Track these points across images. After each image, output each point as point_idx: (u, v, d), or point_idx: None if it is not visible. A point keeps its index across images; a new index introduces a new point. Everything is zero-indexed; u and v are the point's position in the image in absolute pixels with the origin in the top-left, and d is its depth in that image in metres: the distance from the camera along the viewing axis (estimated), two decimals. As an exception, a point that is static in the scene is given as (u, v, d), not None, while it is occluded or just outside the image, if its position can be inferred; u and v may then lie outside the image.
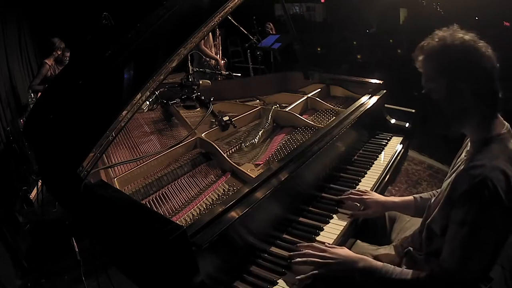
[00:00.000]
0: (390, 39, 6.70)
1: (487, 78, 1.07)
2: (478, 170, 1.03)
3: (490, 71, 1.07)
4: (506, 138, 1.10)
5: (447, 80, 1.09)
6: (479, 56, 1.06)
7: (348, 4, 7.05)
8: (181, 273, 1.11)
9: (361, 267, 1.18)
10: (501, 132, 1.11)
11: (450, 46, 1.08)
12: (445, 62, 1.09)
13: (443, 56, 1.09)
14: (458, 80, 1.07)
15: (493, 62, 1.08)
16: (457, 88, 1.08)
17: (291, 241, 1.41)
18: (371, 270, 1.17)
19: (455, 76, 1.07)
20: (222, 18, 1.68)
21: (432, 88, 1.13)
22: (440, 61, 1.10)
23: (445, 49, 1.08)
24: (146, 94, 1.47)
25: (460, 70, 1.07)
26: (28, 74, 4.94)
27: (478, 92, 1.07)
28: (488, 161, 1.04)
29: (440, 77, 1.10)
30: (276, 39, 5.21)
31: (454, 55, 1.07)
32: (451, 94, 1.09)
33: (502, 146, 1.08)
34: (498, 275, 1.94)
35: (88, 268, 2.22)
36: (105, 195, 1.34)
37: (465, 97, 1.08)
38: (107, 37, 2.10)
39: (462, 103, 1.09)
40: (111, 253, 1.58)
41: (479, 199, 1.00)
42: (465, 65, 1.07)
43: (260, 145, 1.92)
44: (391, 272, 1.15)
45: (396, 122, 2.35)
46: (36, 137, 1.92)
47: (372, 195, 1.57)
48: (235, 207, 1.27)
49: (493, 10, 4.57)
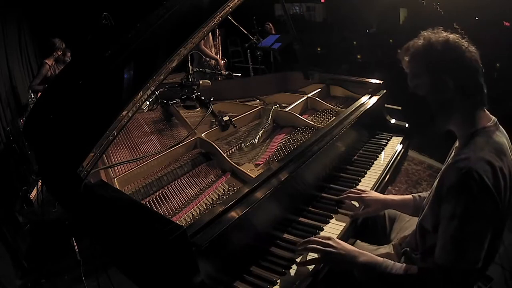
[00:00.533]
0: (390, 39, 6.70)
1: (470, 73, 1.12)
2: (463, 163, 1.05)
3: (473, 66, 1.11)
4: (491, 131, 1.13)
5: (431, 75, 1.14)
6: (461, 52, 1.11)
7: (348, 4, 7.04)
8: (181, 273, 1.11)
9: (362, 261, 1.19)
10: (486, 125, 1.14)
11: (433, 43, 1.13)
12: (429, 58, 1.14)
13: (427, 53, 1.14)
14: (441, 74, 1.11)
15: (475, 58, 1.12)
16: (441, 82, 1.12)
17: (291, 241, 1.41)
18: (371, 265, 1.18)
19: (439, 71, 1.12)
20: (222, 18, 1.68)
21: (418, 84, 1.18)
22: (424, 57, 1.15)
23: (429, 47, 1.14)
24: (146, 94, 1.47)
25: (443, 65, 1.12)
26: (28, 74, 4.94)
27: (461, 86, 1.11)
28: (473, 153, 1.06)
29: (425, 73, 1.15)
30: (276, 39, 5.20)
31: (437, 51, 1.12)
32: (435, 88, 1.14)
33: (487, 138, 1.11)
34: (498, 275, 1.94)
35: (88, 268, 2.22)
36: (105, 195, 1.34)
37: (449, 90, 1.12)
38: (107, 37, 2.10)
39: (446, 97, 1.13)
40: (111, 253, 1.58)
41: (467, 191, 1.02)
42: (448, 60, 1.11)
43: (260, 145, 1.92)
44: (391, 267, 1.16)
45: (396, 122, 2.35)
46: (36, 137, 1.92)
47: (371, 193, 1.57)
48: (235, 207, 1.27)
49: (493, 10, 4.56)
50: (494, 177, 1.02)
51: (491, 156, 1.05)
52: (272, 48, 5.12)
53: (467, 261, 1.04)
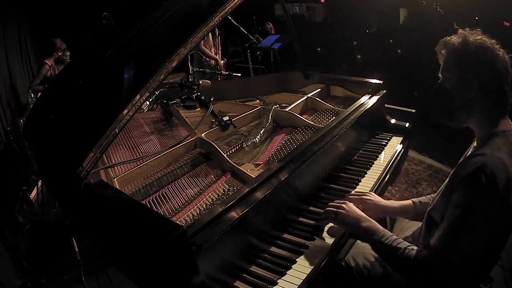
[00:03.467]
0: (390, 39, 6.70)
1: (497, 78, 1.15)
2: (479, 158, 1.07)
3: (501, 72, 1.15)
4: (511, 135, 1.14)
5: (460, 71, 1.18)
6: (493, 57, 1.15)
7: (348, 4, 7.05)
8: (181, 273, 1.11)
9: (364, 226, 1.29)
10: (506, 129, 1.16)
11: (470, 42, 1.17)
12: (462, 56, 1.18)
13: (461, 50, 1.18)
14: (469, 73, 1.16)
15: (506, 67, 1.15)
16: (466, 80, 1.16)
17: (291, 241, 1.41)
18: (371, 230, 1.26)
19: (467, 69, 1.16)
20: (222, 18, 1.67)
21: (447, 78, 1.22)
22: (458, 54, 1.19)
23: (464, 45, 1.18)
24: (146, 94, 1.47)
25: (473, 64, 1.16)
26: (28, 74, 4.94)
27: (485, 88, 1.15)
28: (490, 151, 1.09)
29: (455, 68, 1.19)
30: (276, 39, 5.21)
31: (471, 50, 1.16)
32: (460, 85, 1.18)
33: (506, 141, 1.12)
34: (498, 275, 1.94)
35: (88, 268, 2.22)
36: (105, 195, 1.34)
37: (472, 89, 1.15)
38: (107, 37, 2.10)
39: (468, 95, 1.17)
40: (111, 253, 1.58)
41: (476, 183, 1.04)
42: (479, 61, 1.15)
43: (260, 145, 1.92)
44: (386, 237, 1.21)
45: (396, 122, 2.35)
46: (36, 137, 1.92)
47: (372, 196, 1.56)
48: (235, 207, 1.27)
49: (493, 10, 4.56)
50: (506, 178, 1.03)
51: (507, 158, 1.07)
52: (272, 48, 5.13)
53: (457, 252, 1.04)
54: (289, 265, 1.27)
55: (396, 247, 1.16)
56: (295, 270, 1.26)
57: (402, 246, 1.15)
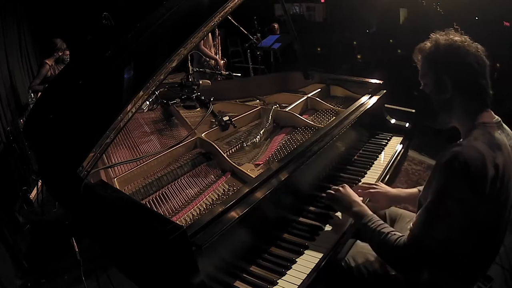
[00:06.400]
0: (390, 39, 6.70)
1: (470, 73, 1.17)
2: (455, 148, 1.11)
3: (475, 68, 1.16)
4: (491, 127, 1.17)
5: (434, 74, 1.21)
6: (464, 54, 1.16)
7: (348, 4, 7.04)
8: (181, 273, 1.11)
9: (354, 210, 1.38)
10: (486, 121, 1.18)
11: (440, 44, 1.20)
12: (434, 59, 1.21)
13: (432, 54, 1.21)
14: (442, 74, 1.19)
15: (480, 60, 1.16)
16: (441, 81, 1.19)
17: (291, 241, 1.41)
18: (360, 215, 1.34)
19: (440, 70, 1.19)
20: (222, 18, 1.67)
21: (425, 83, 1.26)
22: (430, 57, 1.22)
23: (435, 48, 1.21)
24: (146, 94, 1.47)
25: (444, 66, 1.18)
26: (28, 74, 4.94)
27: (459, 86, 1.17)
28: (466, 142, 1.14)
29: (430, 72, 1.23)
30: (276, 39, 5.22)
31: (440, 52, 1.19)
32: (437, 87, 1.21)
33: (484, 132, 1.15)
34: (498, 275, 1.94)
35: (88, 268, 2.22)
36: (105, 195, 1.34)
37: (448, 90, 1.19)
38: (107, 37, 2.10)
39: (446, 96, 1.20)
40: (111, 253, 1.58)
41: (448, 170, 1.08)
42: (450, 60, 1.18)
43: (260, 145, 1.92)
44: (373, 221, 1.27)
45: (396, 122, 2.35)
46: (36, 137, 1.92)
47: (379, 187, 1.59)
48: (235, 207, 1.27)
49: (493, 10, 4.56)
50: (482, 166, 1.06)
51: (483, 147, 1.10)
52: (272, 48, 5.13)
53: (432, 237, 1.09)
54: (289, 265, 1.28)
55: (379, 231, 1.22)
56: (295, 270, 1.26)
57: (385, 231, 1.21)
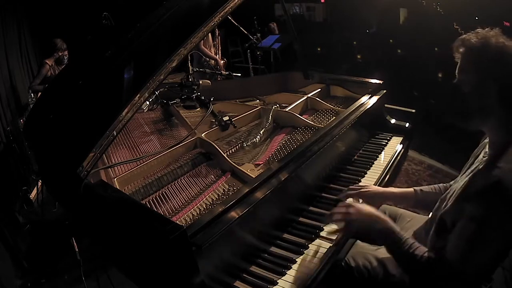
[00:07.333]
0: (390, 39, 6.70)
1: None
2: (495, 171, 1.04)
3: None
4: None
5: (479, 75, 1.11)
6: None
7: (348, 4, 7.04)
8: (181, 273, 1.11)
9: (378, 228, 1.23)
10: None
11: (491, 45, 1.09)
12: (481, 59, 1.10)
13: (482, 53, 1.10)
14: (488, 78, 1.09)
15: None
16: (485, 85, 1.09)
17: (291, 241, 1.41)
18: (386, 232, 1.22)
19: (487, 74, 1.09)
20: (222, 18, 1.67)
21: (463, 80, 1.15)
22: (478, 56, 1.11)
23: (485, 47, 1.10)
24: (146, 94, 1.47)
25: (493, 70, 1.09)
26: (28, 74, 4.94)
27: (504, 95, 1.08)
28: (505, 164, 1.05)
29: (473, 72, 1.12)
30: (276, 39, 5.22)
31: (491, 54, 1.09)
32: (479, 90, 1.11)
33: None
34: (498, 275, 1.94)
35: (88, 268, 2.22)
36: (105, 195, 1.34)
37: (491, 96, 1.09)
38: (107, 37, 2.10)
39: (486, 101, 1.10)
40: (111, 253, 1.58)
41: (491, 199, 1.02)
42: (500, 66, 1.08)
43: (260, 145, 1.92)
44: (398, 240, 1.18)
45: (396, 122, 2.35)
46: (36, 137, 1.92)
47: (369, 187, 1.57)
48: (235, 207, 1.27)
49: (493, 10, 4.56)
50: None
51: None
52: (272, 48, 5.13)
53: (473, 266, 1.05)
54: (289, 265, 1.28)
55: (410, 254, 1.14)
56: (295, 270, 1.26)
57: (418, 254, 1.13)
